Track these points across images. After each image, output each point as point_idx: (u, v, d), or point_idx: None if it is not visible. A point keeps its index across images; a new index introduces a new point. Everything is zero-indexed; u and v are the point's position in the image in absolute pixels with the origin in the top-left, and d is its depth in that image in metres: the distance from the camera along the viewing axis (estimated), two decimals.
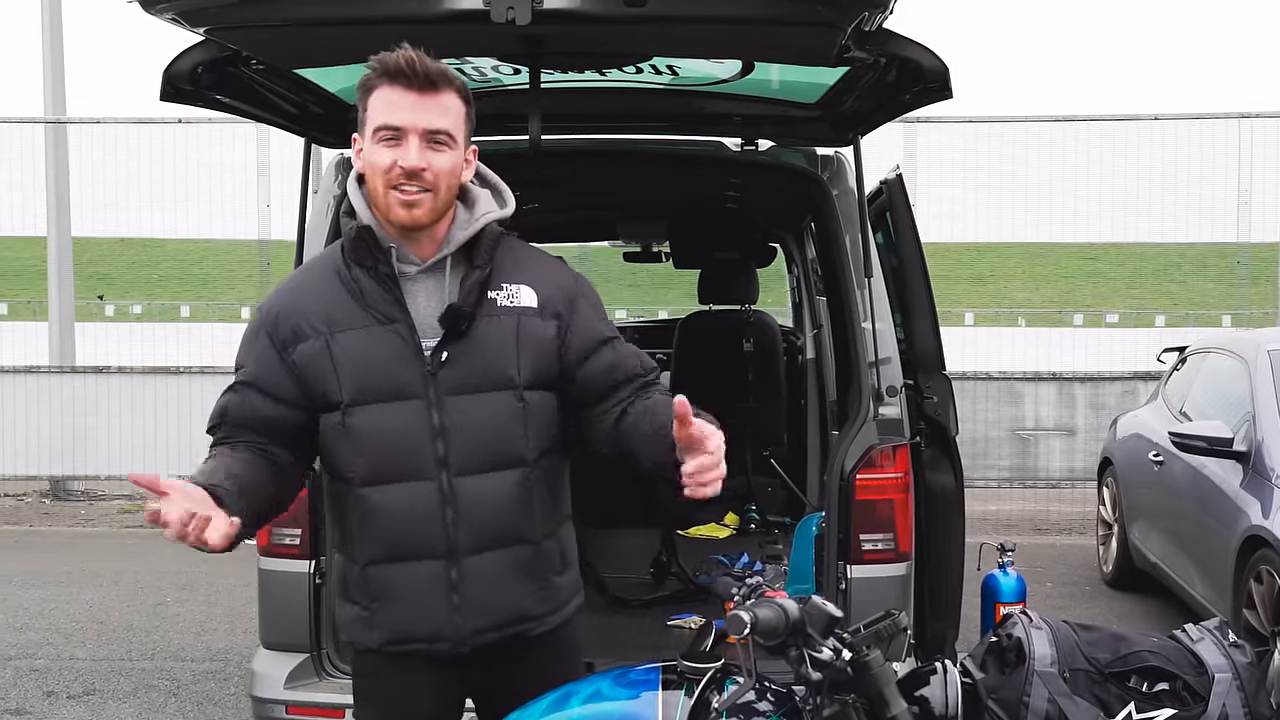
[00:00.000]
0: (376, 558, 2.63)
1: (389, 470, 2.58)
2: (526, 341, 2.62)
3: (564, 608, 2.76)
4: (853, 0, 2.90)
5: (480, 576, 2.60)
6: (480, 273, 2.61)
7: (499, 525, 2.61)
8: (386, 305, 2.58)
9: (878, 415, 4.17)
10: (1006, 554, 4.92)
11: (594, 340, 2.69)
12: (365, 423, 2.58)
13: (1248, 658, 4.11)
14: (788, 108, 4.25)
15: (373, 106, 2.55)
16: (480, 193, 2.70)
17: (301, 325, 2.61)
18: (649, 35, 3.35)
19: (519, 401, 2.61)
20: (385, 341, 2.57)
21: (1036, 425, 10.56)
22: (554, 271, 2.75)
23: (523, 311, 2.63)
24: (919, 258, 4.66)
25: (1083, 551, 9.31)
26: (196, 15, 3.06)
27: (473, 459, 2.58)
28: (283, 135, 10.76)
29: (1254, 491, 5.94)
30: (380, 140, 2.53)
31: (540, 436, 2.65)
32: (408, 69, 2.49)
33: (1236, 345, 7.17)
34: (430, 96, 2.52)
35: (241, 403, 2.63)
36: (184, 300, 28.53)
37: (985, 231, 11.80)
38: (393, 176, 2.51)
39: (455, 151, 2.57)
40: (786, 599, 2.29)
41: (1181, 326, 25.13)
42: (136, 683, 6.16)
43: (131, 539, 9.93)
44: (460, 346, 2.58)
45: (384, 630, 2.66)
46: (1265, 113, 10.37)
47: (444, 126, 2.53)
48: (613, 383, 2.69)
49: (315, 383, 2.59)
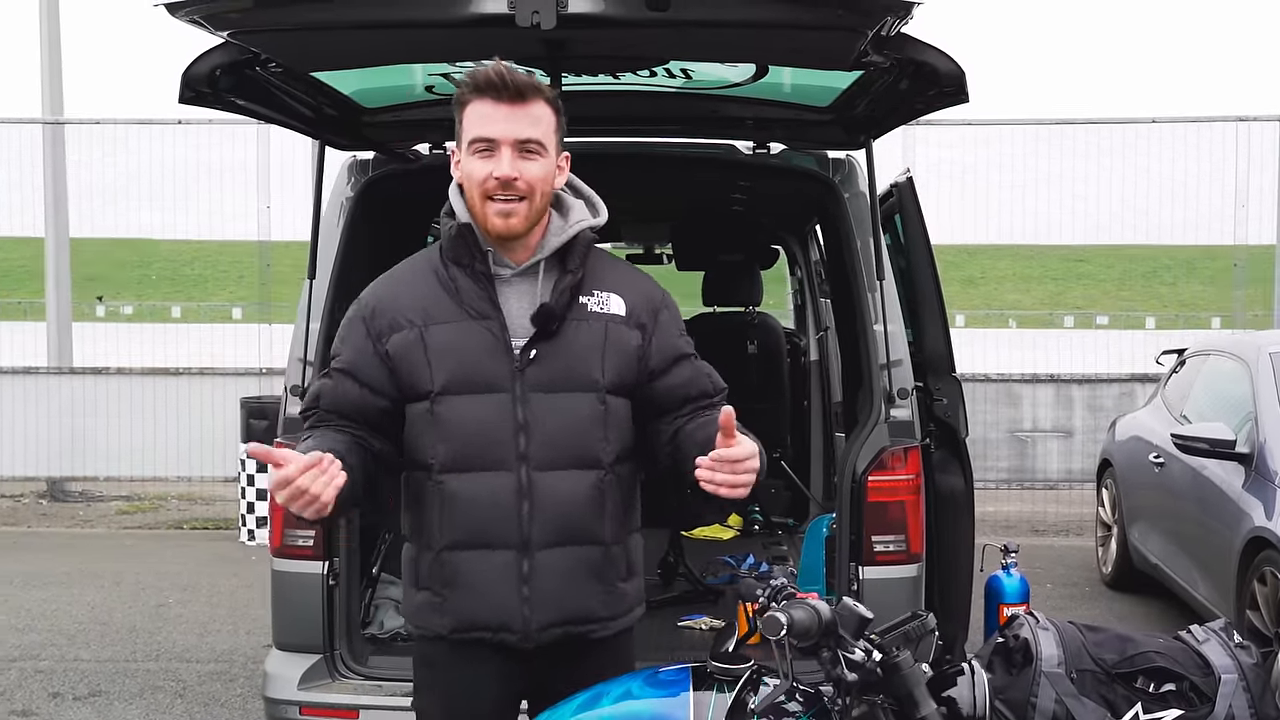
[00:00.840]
0: (452, 543, 2.71)
1: (470, 459, 2.68)
2: (612, 347, 2.73)
3: (627, 615, 2.84)
4: (875, 5, 2.93)
5: (550, 571, 2.69)
6: (572, 277, 2.72)
7: (572, 523, 2.69)
8: (480, 302, 2.70)
9: (889, 417, 4.19)
10: (1010, 555, 4.94)
11: (673, 354, 2.81)
12: (452, 412, 2.68)
13: (1253, 659, 4.14)
14: (800, 111, 4.26)
15: (467, 120, 2.67)
16: (574, 202, 2.82)
17: (397, 317, 2.73)
18: (670, 39, 3.37)
19: (600, 404, 2.71)
20: (477, 336, 2.69)
21: (1034, 427, 10.61)
22: (642, 283, 2.87)
23: (610, 318, 2.74)
24: (929, 260, 4.69)
25: (1081, 553, 9.35)
26: (220, 18, 3.08)
27: (552, 455, 2.68)
28: (283, 137, 10.81)
29: (1257, 493, 5.97)
30: (475, 152, 2.65)
31: (618, 441, 2.75)
32: (498, 82, 2.61)
33: (1237, 347, 7.21)
34: (520, 107, 2.63)
35: (335, 388, 2.74)
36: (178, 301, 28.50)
37: (976, 234, 11.84)
38: (488, 187, 2.63)
39: (547, 159, 2.68)
40: (818, 600, 2.30)
41: (1171, 329, 25.24)
42: (142, 684, 6.16)
43: (130, 540, 9.93)
44: (549, 346, 2.69)
45: (454, 616, 2.73)
46: (1262, 116, 10.43)
47: (535, 136, 2.64)
48: (684, 397, 2.80)
49: (407, 372, 2.70)
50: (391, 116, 4.30)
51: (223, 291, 44.65)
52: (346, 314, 2.85)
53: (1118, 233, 11.94)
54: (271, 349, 11.26)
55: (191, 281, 50.97)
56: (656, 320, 2.80)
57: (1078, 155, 10.86)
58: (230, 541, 9.82)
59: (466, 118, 2.67)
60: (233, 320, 21.73)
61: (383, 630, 4.66)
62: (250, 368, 11.19)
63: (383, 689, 4.23)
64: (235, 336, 12.25)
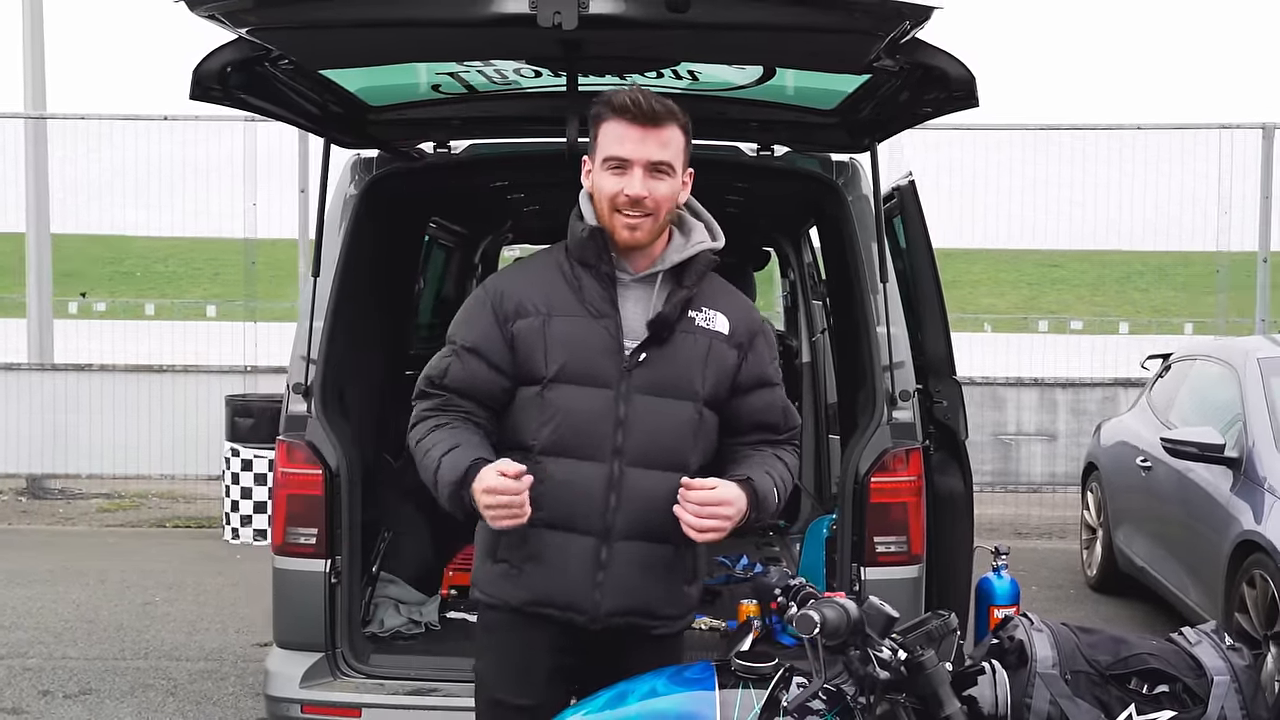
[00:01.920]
0: (539, 522, 2.80)
1: (569, 445, 2.85)
2: (713, 362, 2.91)
3: (685, 616, 3.03)
4: (894, 9, 2.94)
5: (626, 561, 2.85)
6: (687, 292, 2.91)
7: (652, 520, 2.83)
8: (601, 302, 2.89)
9: (891, 419, 4.22)
10: (1000, 557, 4.98)
11: (760, 378, 3.00)
12: (560, 399, 2.86)
13: (1245, 660, 4.18)
14: (805, 114, 4.28)
15: (603, 137, 2.86)
16: (696, 224, 3.00)
17: (524, 303, 2.91)
18: (687, 41, 3.38)
19: (697, 414, 2.90)
20: (594, 332, 2.87)
21: (1018, 430, 10.67)
22: (745, 307, 3.07)
23: (715, 335, 2.93)
24: (930, 263, 4.72)
25: (1064, 555, 9.41)
26: (239, 15, 3.07)
27: (645, 454, 2.84)
28: (269, 134, 10.75)
29: (1246, 497, 6.03)
30: (608, 169, 2.85)
31: (705, 450, 2.93)
32: (633, 107, 2.80)
33: (1224, 353, 7.28)
34: (653, 131, 2.82)
35: (464, 367, 2.92)
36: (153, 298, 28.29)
37: (953, 238, 11.89)
38: (619, 202, 2.83)
39: (674, 180, 2.88)
40: (846, 599, 2.32)
41: (1145, 334, 25.42)
42: (133, 682, 6.13)
43: (113, 538, 9.87)
44: (658, 352, 2.87)
45: (528, 590, 2.88)
46: (1246, 124, 10.52)
47: (665, 159, 2.84)
48: (754, 423, 3.00)
49: (526, 356, 2.88)
50: (396, 115, 4.29)
51: (196, 289, 44.42)
52: (471, 297, 3.03)
53: (1102, 238, 12.01)
54: (256, 346, 11.22)
55: (165, 279, 50.68)
56: (753, 343, 2.99)
57: (1063, 161, 10.92)
58: (214, 540, 9.77)
59: (602, 135, 2.85)
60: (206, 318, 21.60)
61: (383, 629, 4.66)
62: (235, 365, 11.14)
63: (385, 687, 4.23)
64: (219, 334, 12.17)
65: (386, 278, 5.00)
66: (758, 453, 2.96)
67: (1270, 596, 5.60)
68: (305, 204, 10.57)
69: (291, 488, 4.23)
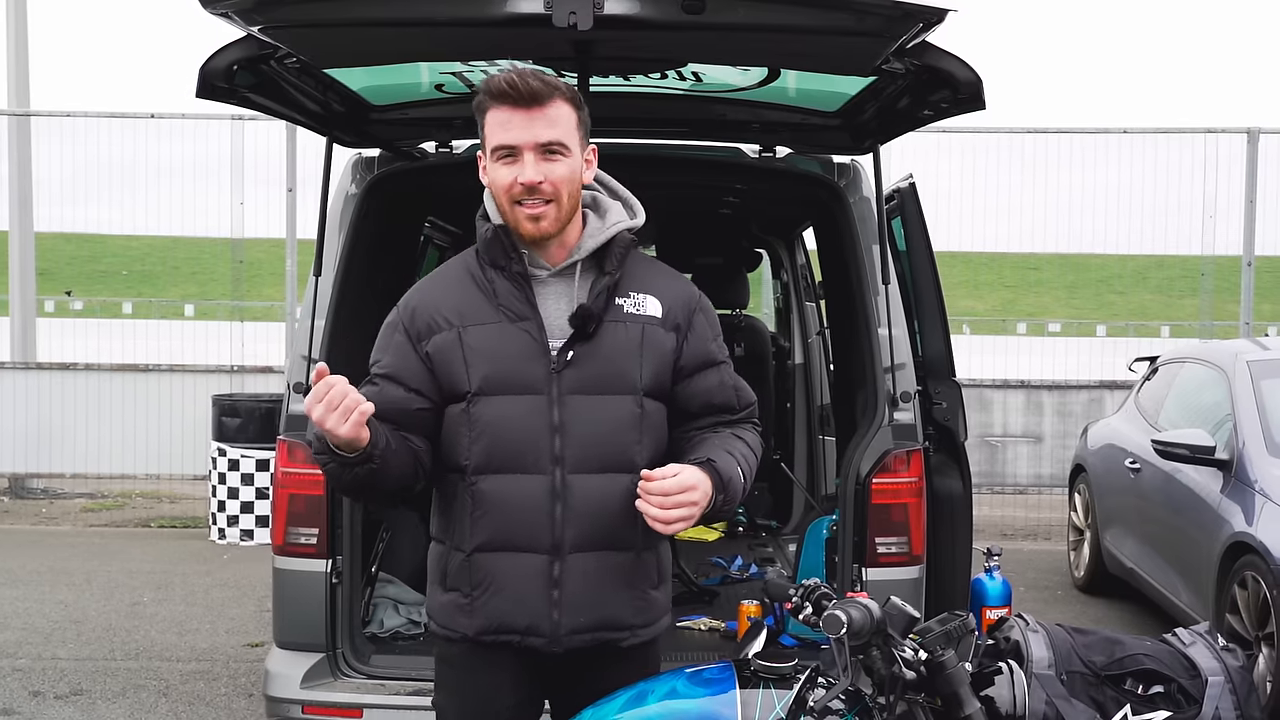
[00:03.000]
0: (484, 545, 2.68)
1: (505, 460, 2.66)
2: (649, 349, 2.71)
3: (656, 623, 2.82)
4: (909, 13, 2.95)
5: (581, 575, 2.67)
6: (610, 279, 2.71)
7: (605, 527, 2.67)
8: (518, 304, 2.69)
9: (892, 420, 4.24)
10: (993, 558, 5.00)
11: (705, 359, 2.80)
12: (487, 413, 2.66)
13: (1239, 661, 4.21)
14: (807, 115, 4.29)
15: (488, 127, 2.66)
16: (612, 203, 2.81)
17: (435, 318, 2.72)
18: (699, 42, 3.38)
19: (638, 407, 2.70)
20: (514, 338, 2.68)
21: (1004, 432, 10.72)
22: (678, 285, 2.85)
23: (648, 320, 2.72)
24: (930, 265, 4.73)
25: (1051, 557, 9.46)
26: (251, 13, 3.06)
27: (587, 458, 2.66)
28: (257, 132, 10.71)
29: (1236, 499, 6.08)
30: (499, 159, 2.65)
31: (653, 445, 2.73)
32: (510, 89, 2.60)
33: (1213, 356, 7.33)
34: (538, 111, 2.62)
35: (380, 393, 2.68)
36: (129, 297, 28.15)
37: (937, 241, 11.93)
38: (514, 192, 2.63)
39: (571, 159, 2.66)
40: (868, 599, 2.33)
41: (1122, 336, 25.57)
42: (124, 683, 6.10)
43: (99, 538, 9.80)
44: (586, 349, 2.67)
45: (483, 618, 2.70)
46: (1230, 128, 10.59)
47: (555, 137, 2.63)
48: (706, 404, 2.79)
49: (445, 373, 2.69)
50: (398, 114, 4.29)
51: (174, 288, 44.21)
52: (385, 321, 2.83)
53: (1084, 242, 12.06)
54: (243, 346, 11.17)
55: (141, 277, 50.43)
56: (691, 322, 2.78)
57: (1049, 165, 10.98)
58: (200, 540, 9.72)
59: (488, 125, 2.66)
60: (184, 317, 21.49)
61: (382, 629, 4.65)
62: (221, 365, 11.08)
63: (386, 688, 4.22)
64: (204, 333, 12.10)
65: (387, 277, 4.98)
66: (715, 434, 2.76)
67: (1262, 597, 5.64)
68: (293, 203, 10.53)
69: (293, 488, 4.21)
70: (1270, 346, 7.29)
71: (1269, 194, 10.48)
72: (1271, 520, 5.72)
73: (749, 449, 2.78)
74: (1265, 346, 7.33)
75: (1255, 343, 7.71)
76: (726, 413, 2.81)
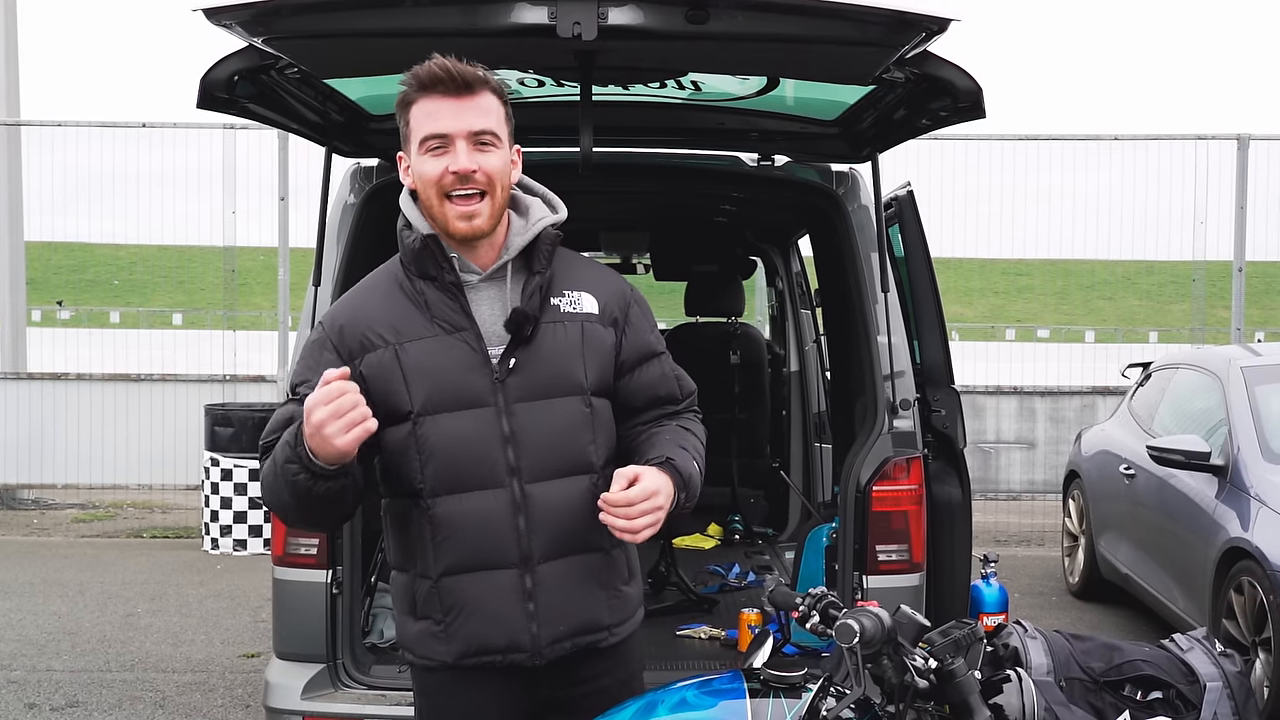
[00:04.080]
0: (451, 569, 2.60)
1: (460, 479, 2.57)
2: (590, 347, 2.65)
3: (632, 618, 2.78)
4: (912, 23, 2.96)
5: (554, 583, 2.61)
6: (541, 278, 2.64)
7: (571, 532, 2.61)
8: (452, 314, 2.60)
9: (892, 428, 4.24)
10: (990, 565, 5.01)
11: (645, 352, 2.75)
12: (435, 432, 2.57)
13: (1237, 666, 4.23)
14: (806, 124, 4.30)
15: (414, 119, 2.58)
16: (531, 200, 2.72)
17: (368, 335, 2.61)
18: (702, 52, 3.38)
19: (586, 407, 2.64)
20: (453, 350, 2.58)
21: (997, 438, 10.74)
22: (610, 279, 2.80)
23: (585, 318, 2.67)
24: (928, 273, 4.74)
25: (1044, 563, 9.48)
26: (256, 24, 3.06)
27: (543, 465, 2.59)
28: (248, 142, 10.68)
29: (1232, 504, 6.09)
30: (427, 151, 2.56)
31: (606, 443, 2.68)
32: (444, 76, 2.52)
33: (1207, 362, 7.35)
34: (469, 99, 2.55)
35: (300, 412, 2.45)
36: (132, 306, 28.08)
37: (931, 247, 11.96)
38: (446, 183, 2.54)
39: (502, 150, 2.59)
40: (879, 608, 2.33)
41: (1110, 342, 25.65)
42: (120, 694, 6.07)
43: (90, 549, 9.77)
44: (527, 353, 2.60)
45: (460, 642, 2.63)
46: (1220, 135, 10.64)
47: (488, 126, 2.56)
48: (651, 398, 2.75)
49: (383, 393, 2.56)
50: (397, 124, 4.27)
51: (162, 297, 44.05)
52: (309, 339, 2.71)
53: (1075, 248, 12.11)
54: (235, 356, 11.14)
55: (129, 287, 50.21)
56: (628, 316, 2.73)
57: (1040, 171, 11.01)
58: (193, 550, 9.70)
59: (414, 117, 2.58)
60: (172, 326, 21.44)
61: (382, 639, 4.63)
62: (214, 374, 11.06)
63: (387, 698, 4.20)
64: (196, 342, 12.07)
65: None
66: (662, 429, 2.70)
67: (1258, 603, 5.66)
68: (285, 212, 10.52)
69: None
70: (1264, 352, 7.32)
71: (1259, 200, 10.54)
72: (1267, 525, 5.74)
73: (698, 440, 2.74)
74: (1259, 352, 7.36)
75: (1249, 349, 7.75)
76: (670, 404, 2.78)
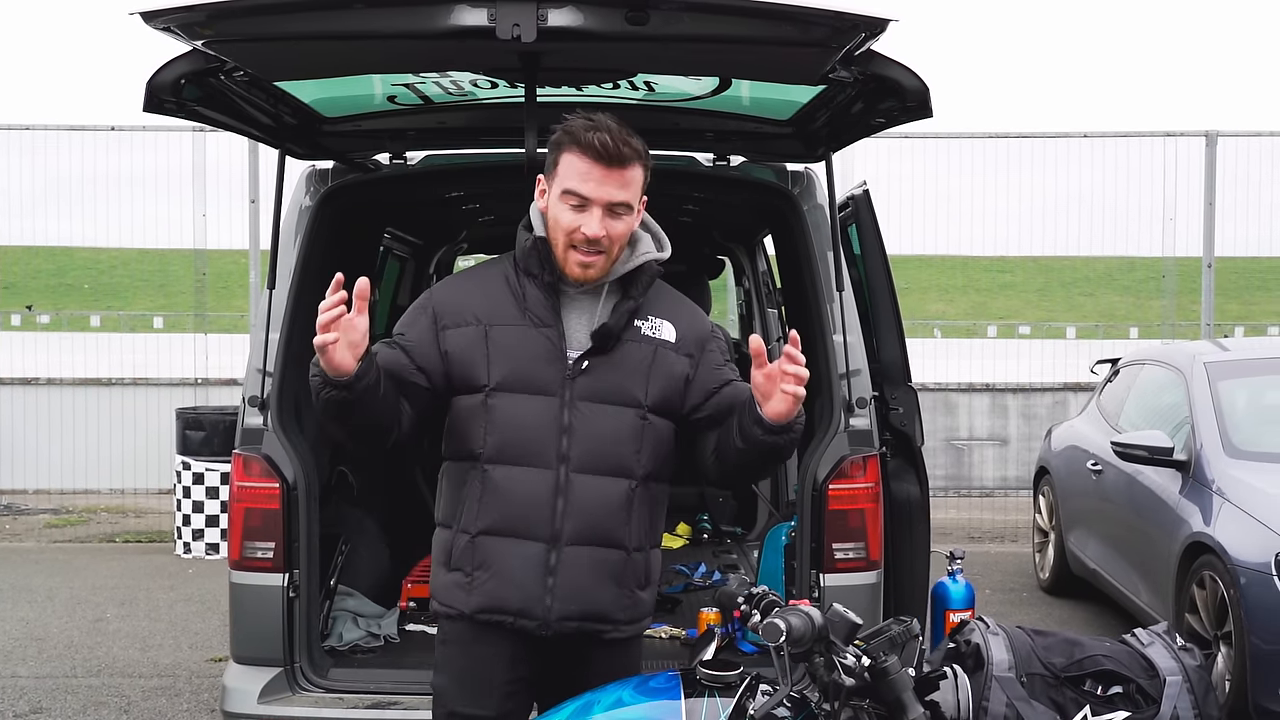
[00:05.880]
0: (488, 529, 2.89)
1: (515, 453, 2.88)
2: (658, 369, 2.94)
3: (640, 621, 3.02)
4: (850, 24, 2.97)
5: (575, 566, 2.87)
6: (633, 303, 2.94)
7: (600, 524, 2.88)
8: (544, 311, 2.92)
9: (849, 426, 4.25)
10: (956, 561, 5.02)
11: (720, 381, 3.02)
12: (503, 407, 2.88)
13: (1196, 660, 4.24)
14: (760, 124, 4.31)
15: (564, 168, 2.86)
16: (643, 235, 3.02)
17: (464, 312, 2.95)
18: (645, 53, 3.39)
19: (641, 420, 2.92)
20: (536, 342, 2.90)
21: (970, 435, 10.78)
22: (694, 316, 3.10)
23: (661, 343, 2.97)
24: (885, 271, 4.76)
25: (1017, 559, 9.51)
26: (195, 27, 3.05)
27: (590, 460, 2.88)
28: (218, 145, 10.64)
29: (1194, 499, 6.12)
30: (567, 202, 2.85)
31: (652, 457, 2.94)
32: (600, 148, 2.81)
33: (1171, 358, 7.39)
34: (617, 172, 2.84)
35: (389, 353, 2.91)
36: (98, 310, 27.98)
37: (903, 245, 11.99)
38: (575, 239, 2.85)
39: (631, 217, 2.91)
40: (810, 607, 2.34)
41: (1091, 338, 25.75)
42: (85, 700, 6.05)
43: (62, 554, 9.72)
44: (600, 361, 2.91)
45: (480, 596, 2.90)
46: (1190, 131, 10.70)
47: (626, 199, 2.87)
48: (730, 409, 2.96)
49: (463, 365, 2.91)
50: (351, 126, 4.27)
51: (144, 300, 43.90)
52: (415, 301, 3.06)
53: (1050, 244, 12.15)
54: (207, 359, 11.11)
55: (110, 290, 50.06)
56: (704, 350, 3.01)
57: (1012, 168, 11.06)
58: (165, 554, 9.66)
59: (564, 165, 2.85)
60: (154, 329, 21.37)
61: (341, 642, 4.63)
62: (185, 378, 11.02)
63: (344, 701, 4.20)
64: (168, 346, 12.01)
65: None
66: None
67: (1220, 597, 5.69)
68: (256, 214, 10.49)
69: (248, 501, 4.19)
70: (1229, 348, 7.36)
71: (1227, 196, 10.59)
72: (1228, 520, 5.77)
73: None
74: (1224, 348, 7.40)
75: (1215, 344, 7.79)
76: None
